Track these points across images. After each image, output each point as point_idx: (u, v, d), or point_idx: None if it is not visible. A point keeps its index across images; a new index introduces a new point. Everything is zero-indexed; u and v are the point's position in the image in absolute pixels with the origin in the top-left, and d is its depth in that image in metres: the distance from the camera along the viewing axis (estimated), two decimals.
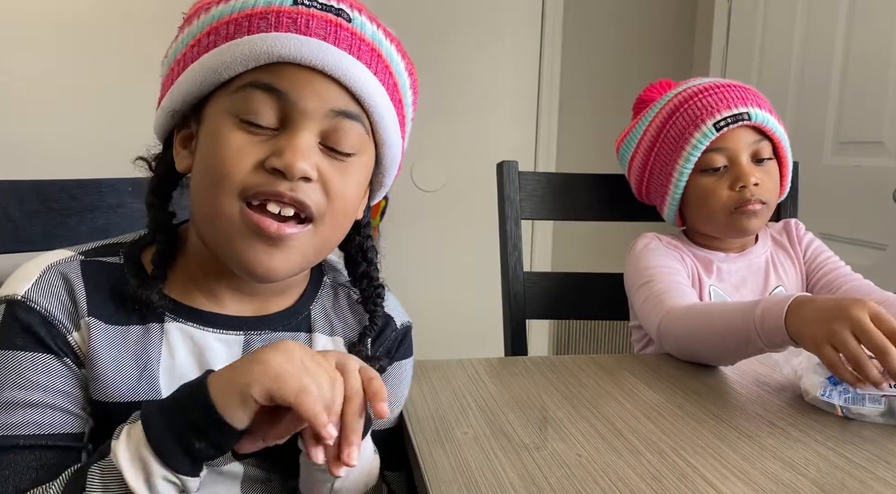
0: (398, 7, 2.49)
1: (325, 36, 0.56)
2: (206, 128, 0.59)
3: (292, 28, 0.56)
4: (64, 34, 2.15)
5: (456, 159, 2.62)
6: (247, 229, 0.56)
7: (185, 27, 0.61)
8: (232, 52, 0.56)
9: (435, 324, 2.59)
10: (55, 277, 0.59)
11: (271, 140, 0.57)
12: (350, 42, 0.58)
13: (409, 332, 0.74)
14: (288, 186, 0.56)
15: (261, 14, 0.56)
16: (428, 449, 0.66)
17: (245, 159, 0.56)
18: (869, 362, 0.70)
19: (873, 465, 0.64)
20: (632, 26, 2.66)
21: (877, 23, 1.70)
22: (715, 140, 1.04)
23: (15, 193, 0.87)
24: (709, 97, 1.06)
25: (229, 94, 0.57)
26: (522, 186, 1.22)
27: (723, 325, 0.87)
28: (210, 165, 0.57)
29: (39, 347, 0.56)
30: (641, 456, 0.65)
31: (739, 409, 0.77)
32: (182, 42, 0.61)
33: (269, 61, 0.56)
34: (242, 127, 0.56)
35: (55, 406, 0.57)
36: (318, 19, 0.57)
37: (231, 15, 0.57)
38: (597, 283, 1.25)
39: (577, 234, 2.67)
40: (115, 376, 0.58)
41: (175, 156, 0.63)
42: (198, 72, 0.58)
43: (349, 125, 0.58)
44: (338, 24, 0.57)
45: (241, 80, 0.57)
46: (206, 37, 0.58)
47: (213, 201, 0.57)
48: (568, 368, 0.91)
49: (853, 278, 1.10)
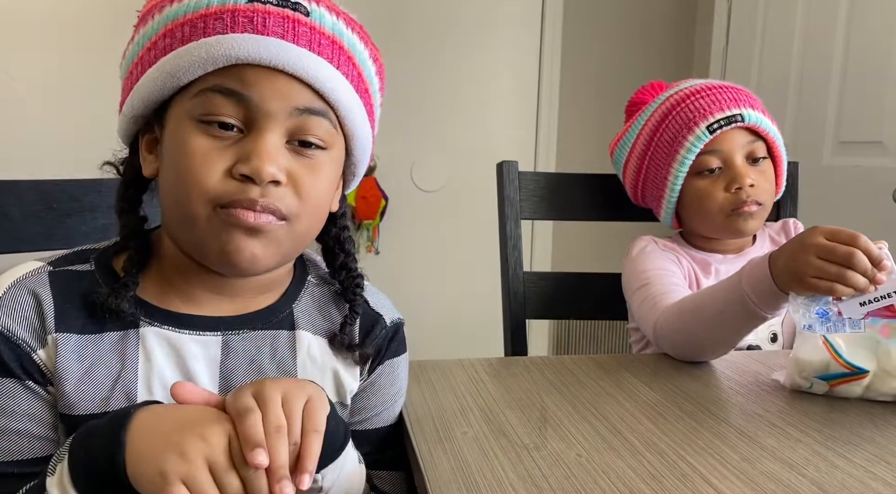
0: (398, 7, 2.49)
1: (283, 33, 0.55)
2: (169, 134, 0.58)
3: (248, 28, 0.54)
4: (64, 34, 2.15)
5: (456, 159, 2.62)
6: (223, 225, 0.56)
7: (140, 27, 0.60)
8: (189, 55, 0.55)
9: (435, 324, 2.59)
10: (20, 294, 0.57)
11: (236, 144, 0.56)
12: (309, 37, 0.56)
13: (399, 329, 0.73)
14: (258, 192, 0.55)
15: (215, 14, 0.55)
16: (428, 449, 0.66)
17: (212, 167, 0.55)
18: (848, 271, 0.75)
19: (873, 465, 0.64)
20: (632, 26, 2.66)
21: (877, 23, 1.70)
22: (709, 142, 1.04)
23: (15, 193, 0.87)
24: (701, 99, 1.05)
25: (189, 99, 0.56)
26: (522, 186, 1.22)
27: (715, 306, 0.87)
28: (178, 173, 0.56)
29: (2, 372, 0.56)
30: (641, 456, 0.65)
31: (739, 409, 0.77)
32: (138, 43, 0.60)
33: (227, 64, 0.55)
34: (206, 132, 0.55)
35: (21, 431, 0.56)
36: (275, 16, 0.55)
37: (185, 16, 0.56)
38: (597, 283, 1.25)
39: (577, 234, 2.67)
40: (87, 388, 0.57)
41: (142, 161, 0.62)
42: (156, 76, 0.57)
43: (315, 122, 0.58)
44: (295, 20, 0.56)
45: (201, 84, 0.56)
46: (162, 39, 0.57)
47: (184, 208, 0.56)
48: (568, 368, 0.91)
49: None
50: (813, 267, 0.76)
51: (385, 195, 2.54)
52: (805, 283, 0.77)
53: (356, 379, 0.69)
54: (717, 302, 0.87)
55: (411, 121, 2.56)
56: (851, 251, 0.74)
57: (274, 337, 0.65)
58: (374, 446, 0.71)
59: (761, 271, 0.82)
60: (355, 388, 0.69)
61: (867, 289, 0.75)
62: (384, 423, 0.72)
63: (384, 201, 2.54)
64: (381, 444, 0.72)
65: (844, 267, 0.75)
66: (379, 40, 0.65)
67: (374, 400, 0.71)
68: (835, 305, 0.77)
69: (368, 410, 0.71)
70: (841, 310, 0.77)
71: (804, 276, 0.77)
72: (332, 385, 0.67)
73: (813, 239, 0.77)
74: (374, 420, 0.71)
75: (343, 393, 0.68)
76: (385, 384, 0.71)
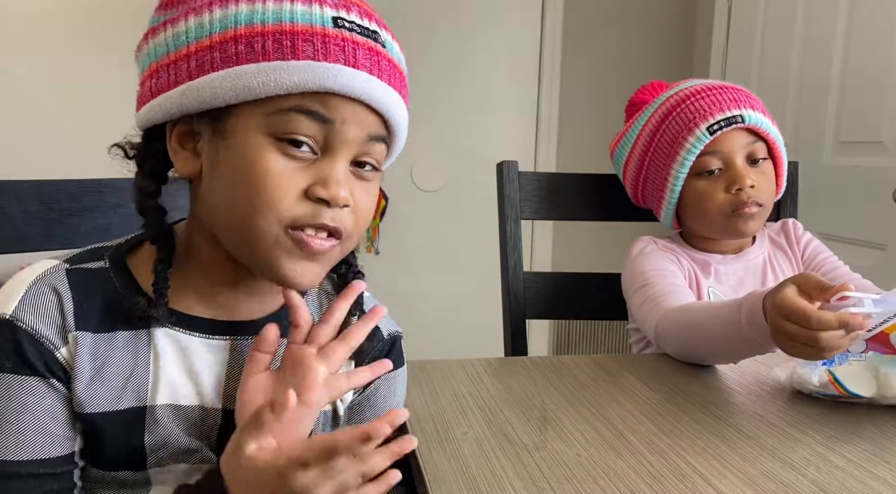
0: (399, 7, 2.49)
1: (371, 67, 0.56)
2: (235, 146, 0.56)
3: (341, 58, 0.54)
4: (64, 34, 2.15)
5: (456, 159, 2.62)
6: (292, 249, 0.56)
7: (190, 16, 0.56)
8: (278, 75, 0.53)
9: (435, 324, 2.59)
10: (44, 291, 0.57)
11: (311, 166, 0.56)
12: (389, 71, 0.58)
13: (396, 342, 0.72)
14: (330, 216, 0.56)
15: (304, 35, 0.54)
16: (428, 450, 0.66)
17: (289, 188, 0.55)
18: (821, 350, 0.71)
19: (873, 465, 0.64)
20: (632, 26, 2.66)
21: (877, 23, 1.70)
22: (709, 143, 1.04)
23: (15, 193, 0.87)
24: (701, 100, 1.05)
25: (266, 114, 0.55)
26: (522, 186, 1.22)
27: (716, 331, 0.86)
28: (248, 190, 0.55)
29: (27, 369, 0.56)
30: (641, 456, 0.65)
31: (739, 409, 0.77)
32: (188, 34, 0.56)
33: (319, 90, 0.54)
34: (282, 150, 0.55)
35: (45, 430, 0.57)
36: (362, 48, 0.56)
37: (264, 25, 0.54)
38: (596, 283, 1.25)
39: (577, 234, 2.67)
40: (99, 386, 0.58)
41: (172, 154, 0.59)
42: (228, 85, 0.54)
43: (379, 147, 0.60)
44: (378, 53, 0.57)
45: (282, 103, 0.54)
46: (233, 44, 0.54)
47: (251, 224, 0.56)
48: (568, 368, 0.91)
49: (852, 278, 1.10)
50: (791, 349, 0.75)
51: (385, 195, 2.54)
52: (788, 348, 0.75)
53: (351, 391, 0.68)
54: (719, 328, 0.86)
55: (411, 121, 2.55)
56: (813, 336, 0.71)
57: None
58: None
59: (759, 317, 0.79)
60: (349, 398, 0.69)
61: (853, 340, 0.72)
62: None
63: (384, 201, 2.54)
64: None
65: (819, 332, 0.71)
66: None
67: (370, 414, 0.70)
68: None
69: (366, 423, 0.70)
70: None
71: (783, 343, 0.75)
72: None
73: (777, 323, 0.74)
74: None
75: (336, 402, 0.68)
76: (381, 399, 0.70)
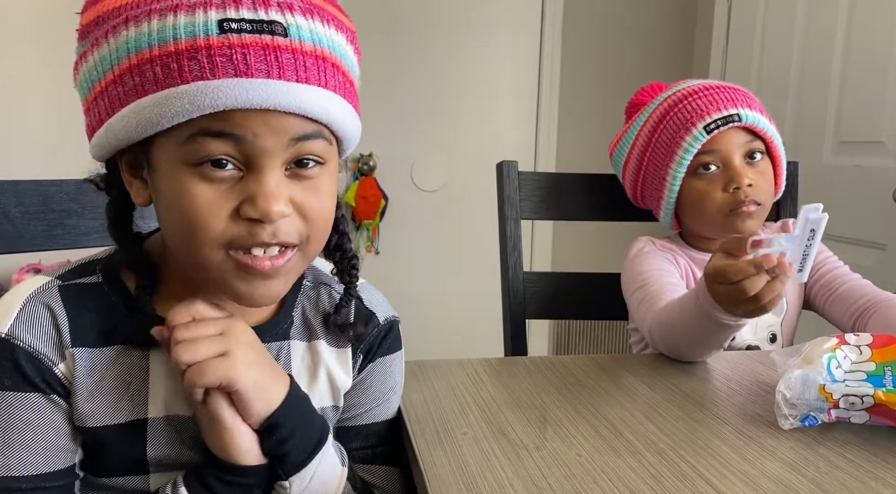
0: (399, 7, 2.49)
1: (268, 69, 0.51)
2: (163, 179, 0.55)
3: (230, 70, 0.50)
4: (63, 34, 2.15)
5: (456, 159, 2.62)
6: (239, 271, 0.55)
7: (94, 47, 0.55)
8: (170, 105, 0.50)
9: (435, 324, 2.59)
10: (37, 308, 0.57)
11: (238, 183, 0.54)
12: (294, 66, 0.52)
13: (393, 327, 0.72)
14: (269, 232, 0.54)
15: (188, 53, 0.50)
16: (428, 449, 0.66)
17: (218, 212, 0.53)
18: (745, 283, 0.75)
19: (873, 465, 0.64)
20: (632, 26, 2.66)
21: (877, 23, 1.70)
22: (706, 142, 1.04)
23: (15, 193, 0.87)
24: (698, 100, 1.05)
25: (178, 144, 0.53)
26: (522, 186, 1.22)
27: (687, 322, 0.88)
28: (183, 220, 0.54)
29: (27, 386, 0.56)
30: (641, 456, 0.65)
31: (740, 409, 0.77)
32: (97, 68, 0.54)
33: (214, 110, 0.51)
34: (203, 175, 0.53)
35: (48, 444, 0.57)
36: (254, 48, 0.50)
37: (151, 50, 0.51)
38: (596, 283, 1.25)
39: (577, 234, 2.67)
40: (98, 400, 0.58)
41: (127, 185, 0.59)
42: (133, 121, 0.52)
43: (312, 144, 0.55)
44: (275, 48, 0.51)
45: (189, 129, 0.52)
46: (130, 75, 0.52)
47: (196, 253, 0.55)
48: (568, 368, 0.91)
49: (852, 278, 1.10)
50: (735, 309, 0.78)
51: (385, 195, 2.54)
52: (732, 308, 0.79)
53: (349, 376, 0.69)
54: (688, 318, 0.87)
55: (411, 121, 2.56)
56: (738, 288, 0.75)
57: (277, 349, 0.65)
58: (366, 441, 0.71)
59: (709, 296, 0.82)
60: (349, 385, 0.69)
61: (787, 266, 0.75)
62: (376, 419, 0.72)
63: (384, 201, 2.54)
64: (374, 440, 0.72)
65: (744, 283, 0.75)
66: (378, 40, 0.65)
67: (366, 397, 0.71)
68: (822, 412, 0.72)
69: (360, 406, 0.71)
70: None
71: (726, 305, 0.79)
72: (326, 386, 0.67)
73: (712, 290, 0.79)
74: (366, 416, 0.71)
75: (337, 394, 0.68)
76: (376, 381, 0.71)
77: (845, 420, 0.70)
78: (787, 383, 0.71)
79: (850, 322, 1.04)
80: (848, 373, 0.76)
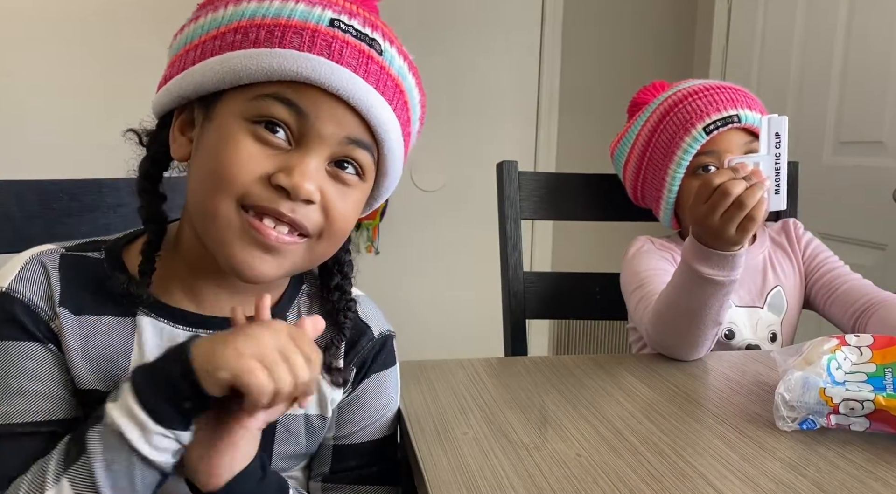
0: (399, 7, 2.49)
1: (356, 67, 0.56)
2: (215, 127, 0.58)
3: (325, 52, 0.55)
4: (63, 34, 2.15)
5: (456, 159, 2.62)
6: (244, 233, 0.57)
7: (209, 12, 0.60)
8: (260, 60, 0.55)
9: (435, 324, 2.59)
10: (35, 267, 0.60)
11: (281, 155, 0.57)
12: (378, 77, 0.58)
13: (388, 341, 0.72)
14: (289, 207, 0.56)
15: (296, 28, 0.56)
16: (428, 450, 0.66)
17: (252, 169, 0.56)
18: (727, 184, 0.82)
19: (873, 465, 0.64)
20: (632, 26, 2.66)
21: (877, 23, 1.70)
22: (706, 143, 1.04)
23: (15, 193, 0.87)
24: (698, 100, 1.05)
25: (247, 99, 0.57)
26: (522, 186, 1.22)
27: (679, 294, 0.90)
28: (214, 166, 0.56)
29: (25, 336, 0.57)
30: (641, 456, 0.65)
31: (740, 409, 0.77)
32: (203, 27, 0.59)
33: (296, 80, 0.55)
34: (255, 135, 0.56)
35: (46, 393, 0.57)
36: (352, 48, 0.57)
37: (263, 18, 0.56)
38: (597, 283, 1.25)
39: (577, 234, 2.67)
40: (87, 365, 0.59)
41: (171, 140, 0.62)
42: (217, 68, 0.57)
43: (360, 154, 0.59)
44: (369, 56, 0.57)
45: (263, 89, 0.56)
46: (233, 33, 0.57)
47: (210, 201, 0.57)
48: (568, 368, 0.91)
49: (852, 277, 1.10)
50: (722, 223, 0.82)
51: None
52: (721, 228, 0.83)
53: (339, 391, 0.69)
54: (681, 288, 0.90)
55: None
56: (721, 192, 0.81)
57: None
58: (359, 460, 0.71)
59: (694, 245, 0.87)
60: (338, 398, 0.69)
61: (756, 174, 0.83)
62: (370, 438, 0.71)
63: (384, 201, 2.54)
64: (368, 459, 0.71)
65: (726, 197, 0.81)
66: None
67: (360, 414, 0.70)
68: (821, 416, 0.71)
69: (353, 424, 0.70)
70: None
71: (706, 223, 0.83)
72: (314, 395, 0.67)
73: (698, 215, 0.84)
74: (360, 435, 0.71)
75: (324, 404, 0.68)
76: (370, 398, 0.70)
77: (845, 427, 0.70)
78: (787, 385, 0.71)
79: (850, 322, 1.04)
80: (848, 374, 0.76)
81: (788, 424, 0.71)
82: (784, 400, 0.71)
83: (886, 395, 0.68)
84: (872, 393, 0.69)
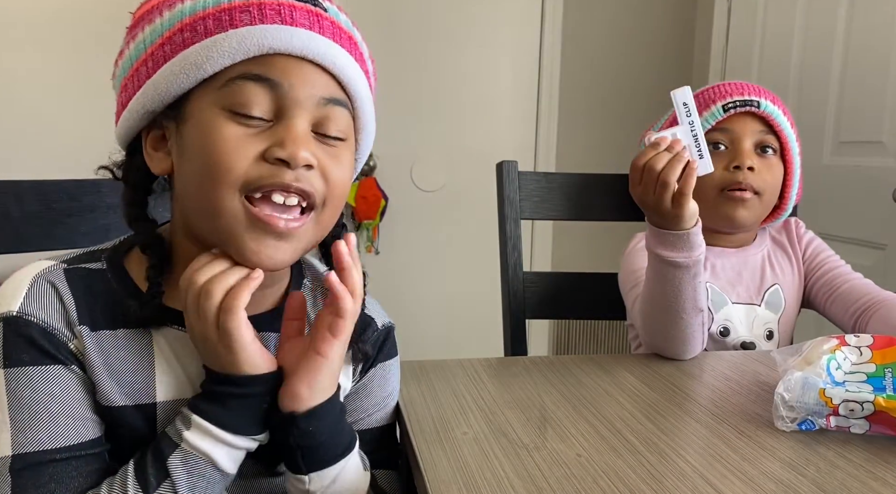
0: (399, 7, 2.49)
1: (311, 25, 0.57)
2: (193, 125, 0.58)
3: (277, 19, 0.56)
4: (63, 34, 2.15)
5: (456, 159, 2.62)
6: (253, 226, 0.57)
7: (146, 26, 0.59)
8: (218, 46, 0.55)
9: (435, 324, 2.59)
10: (44, 287, 0.58)
11: (267, 131, 0.57)
12: (332, 30, 0.58)
13: (390, 333, 0.74)
14: (293, 176, 0.56)
15: (241, 8, 0.56)
16: (428, 449, 0.66)
17: (245, 152, 0.56)
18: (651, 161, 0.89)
19: (873, 465, 0.64)
20: (632, 26, 2.66)
21: (877, 23, 1.70)
22: (721, 120, 1.07)
23: (15, 193, 0.87)
24: (725, 86, 1.10)
25: (217, 89, 0.57)
26: (522, 186, 1.22)
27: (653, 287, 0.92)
28: (207, 161, 0.56)
29: (46, 359, 0.56)
30: (641, 456, 0.65)
31: (740, 409, 0.77)
32: (145, 41, 0.59)
33: (259, 53, 0.56)
34: (235, 119, 0.56)
35: (75, 415, 0.57)
36: (300, 10, 0.57)
37: (205, 10, 0.57)
38: (597, 283, 1.25)
39: (576, 234, 2.67)
40: (110, 381, 0.58)
41: (148, 160, 0.61)
42: (177, 69, 0.57)
43: (338, 112, 0.60)
44: (318, 14, 0.58)
45: (229, 74, 0.56)
46: (179, 34, 0.57)
47: (212, 197, 0.56)
48: (568, 368, 0.91)
49: (852, 277, 1.10)
50: (657, 202, 0.88)
51: (385, 195, 2.54)
52: (656, 211, 0.89)
53: (349, 379, 0.70)
54: (655, 280, 0.92)
55: (411, 121, 2.56)
56: (648, 170, 0.88)
57: (276, 340, 0.65)
58: (366, 447, 0.71)
59: (651, 230, 0.91)
60: (348, 388, 0.70)
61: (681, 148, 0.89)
62: (376, 424, 0.73)
63: (384, 201, 2.54)
64: (374, 445, 0.72)
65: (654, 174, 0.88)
66: (379, 40, 0.66)
67: (366, 402, 0.72)
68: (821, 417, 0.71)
69: (360, 412, 0.72)
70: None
71: (645, 203, 0.90)
72: None
73: (641, 198, 0.91)
74: (367, 421, 0.72)
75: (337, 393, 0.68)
76: (376, 387, 0.72)
77: (844, 429, 0.70)
78: (787, 385, 0.71)
79: (850, 321, 1.05)
80: (848, 374, 0.76)
81: (787, 424, 0.71)
82: (783, 400, 0.71)
83: (886, 396, 0.68)
84: (872, 394, 0.69)
